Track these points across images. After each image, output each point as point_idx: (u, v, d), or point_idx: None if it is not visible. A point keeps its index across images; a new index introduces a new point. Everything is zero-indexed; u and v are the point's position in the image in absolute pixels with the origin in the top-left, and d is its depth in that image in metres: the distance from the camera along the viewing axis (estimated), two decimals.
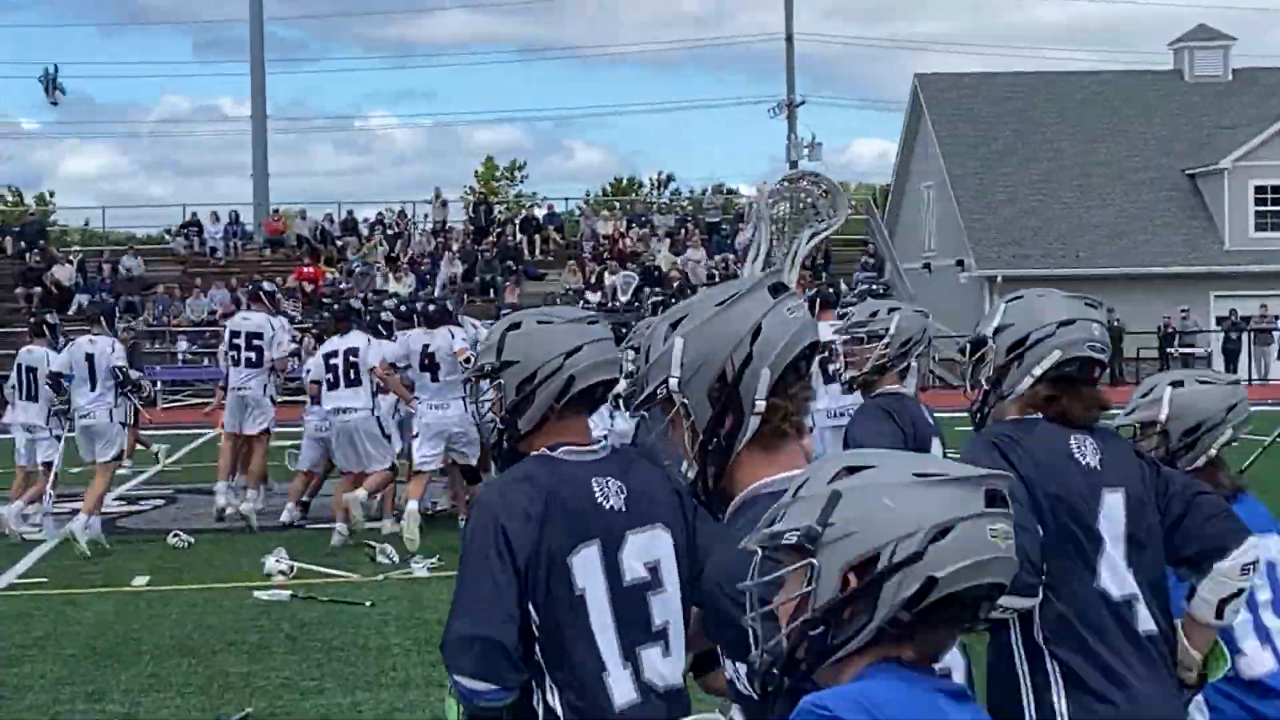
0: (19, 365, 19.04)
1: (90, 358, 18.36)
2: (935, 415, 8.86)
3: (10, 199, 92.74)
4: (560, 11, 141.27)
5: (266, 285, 21.70)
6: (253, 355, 19.66)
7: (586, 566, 4.52)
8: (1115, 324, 54.45)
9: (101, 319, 19.49)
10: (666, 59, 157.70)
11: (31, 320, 21.85)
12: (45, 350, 18.99)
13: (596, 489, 4.58)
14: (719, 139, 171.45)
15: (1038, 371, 5.20)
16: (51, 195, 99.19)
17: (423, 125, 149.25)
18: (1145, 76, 66.01)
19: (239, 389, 19.65)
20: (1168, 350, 55.19)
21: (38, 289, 54.62)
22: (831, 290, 18.57)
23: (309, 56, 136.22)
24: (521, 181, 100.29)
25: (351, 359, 18.11)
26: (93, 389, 18.29)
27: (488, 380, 4.66)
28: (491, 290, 54.11)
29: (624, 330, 19.72)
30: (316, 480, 20.26)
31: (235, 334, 19.86)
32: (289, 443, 21.51)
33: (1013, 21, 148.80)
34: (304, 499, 20.07)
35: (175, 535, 18.07)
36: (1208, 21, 66.13)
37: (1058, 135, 62.30)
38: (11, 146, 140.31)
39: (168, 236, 62.62)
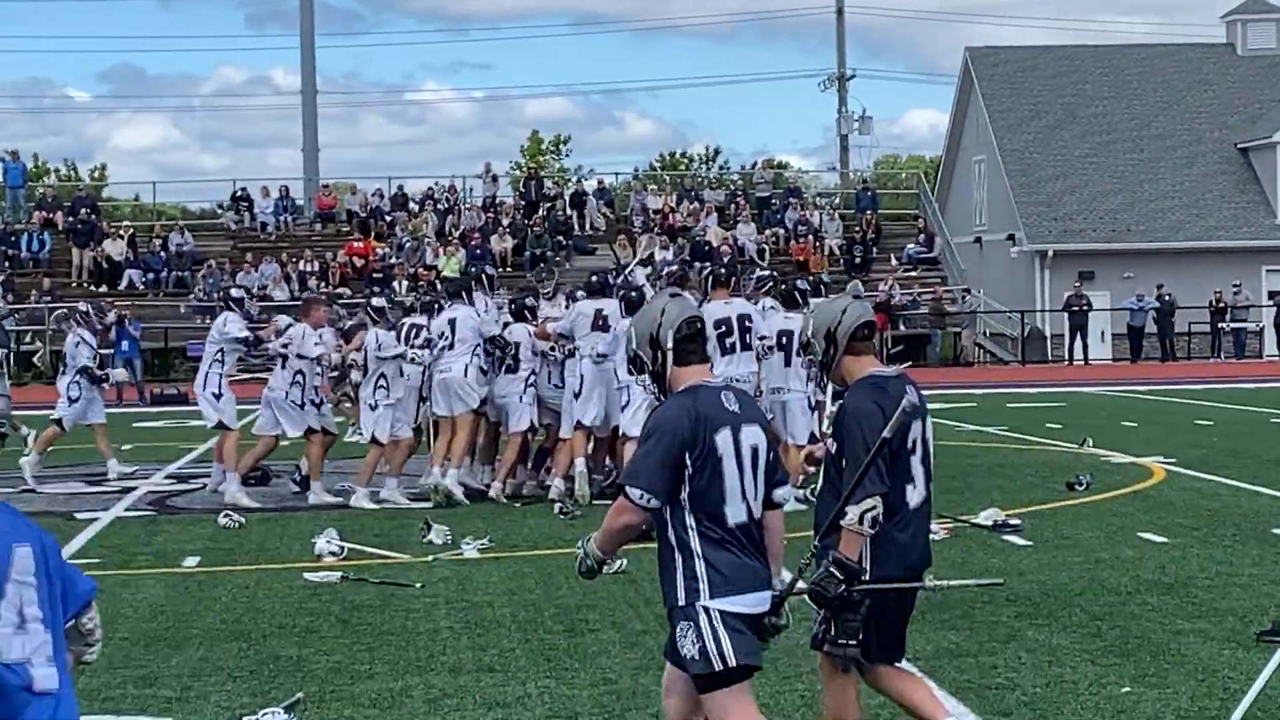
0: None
1: None
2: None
3: (64, 173, 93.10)
4: None
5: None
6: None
7: None
8: (1166, 299, 54.21)
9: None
10: (720, 30, 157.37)
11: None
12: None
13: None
14: (770, 110, 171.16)
15: None
16: (104, 169, 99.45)
17: (475, 98, 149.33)
18: (1198, 49, 65.65)
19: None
20: (1219, 325, 54.90)
21: (90, 252, 54.90)
22: (724, 270, 19.66)
23: (363, 29, 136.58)
24: (566, 155, 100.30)
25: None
26: None
27: None
28: (542, 265, 54.10)
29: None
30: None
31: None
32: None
33: None
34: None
35: (226, 515, 18.13)
36: None
37: (1109, 109, 62.00)
38: (64, 119, 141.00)
39: (219, 210, 62.82)
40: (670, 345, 7.10)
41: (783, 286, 19.47)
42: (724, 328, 18.54)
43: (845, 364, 7.90)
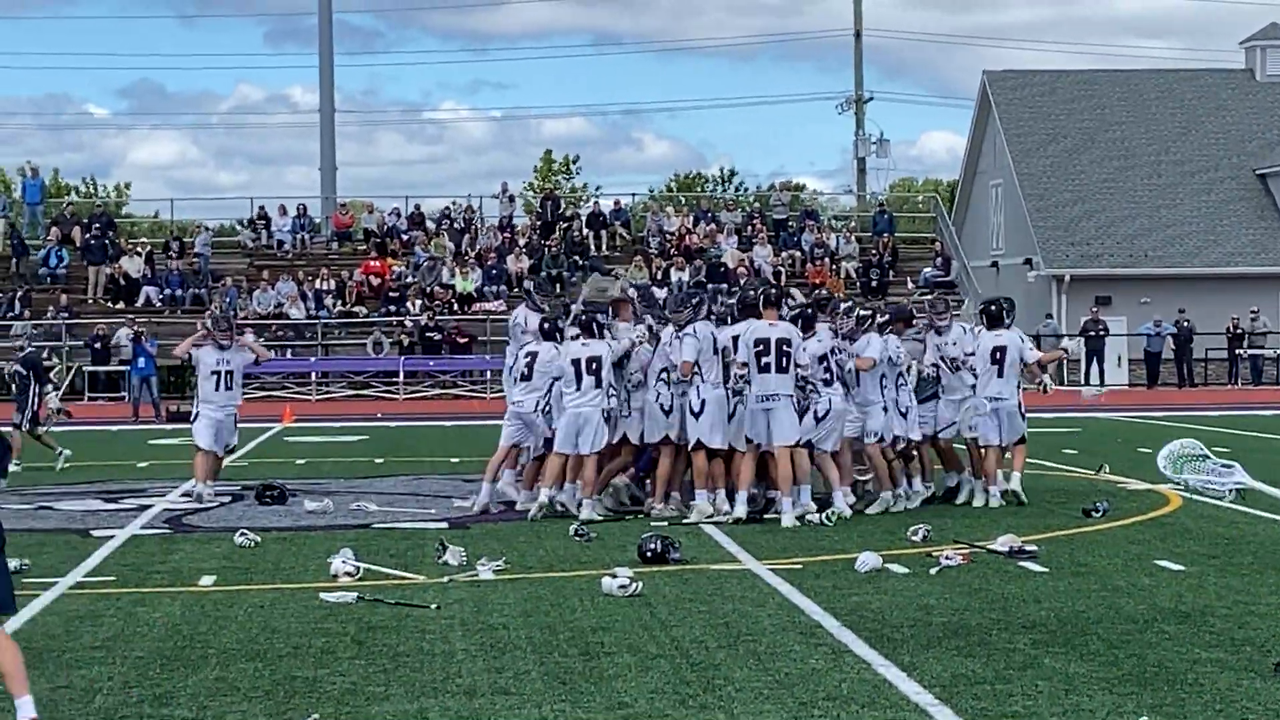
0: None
1: None
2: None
3: (84, 189, 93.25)
4: (634, 2, 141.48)
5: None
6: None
7: None
8: (1185, 325, 54.15)
9: None
10: (740, 51, 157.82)
11: None
12: None
13: None
14: (788, 132, 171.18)
15: None
16: (128, 187, 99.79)
17: (494, 117, 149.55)
18: (1216, 75, 65.66)
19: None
20: (1236, 351, 54.82)
21: (106, 268, 54.99)
22: (774, 291, 21.15)
23: (383, 48, 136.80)
24: (576, 174, 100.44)
25: (784, 348, 19.32)
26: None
27: None
28: (558, 286, 54.09)
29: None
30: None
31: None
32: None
33: (1086, 14, 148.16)
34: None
35: (242, 534, 18.11)
36: (1279, 20, 65.66)
37: (1127, 134, 62.02)
38: (83, 135, 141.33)
39: (237, 227, 62.93)
40: None
41: (992, 307, 21.60)
42: (762, 347, 19.34)
43: None
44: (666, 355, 19.85)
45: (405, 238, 58.10)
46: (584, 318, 20.27)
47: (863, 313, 20.96)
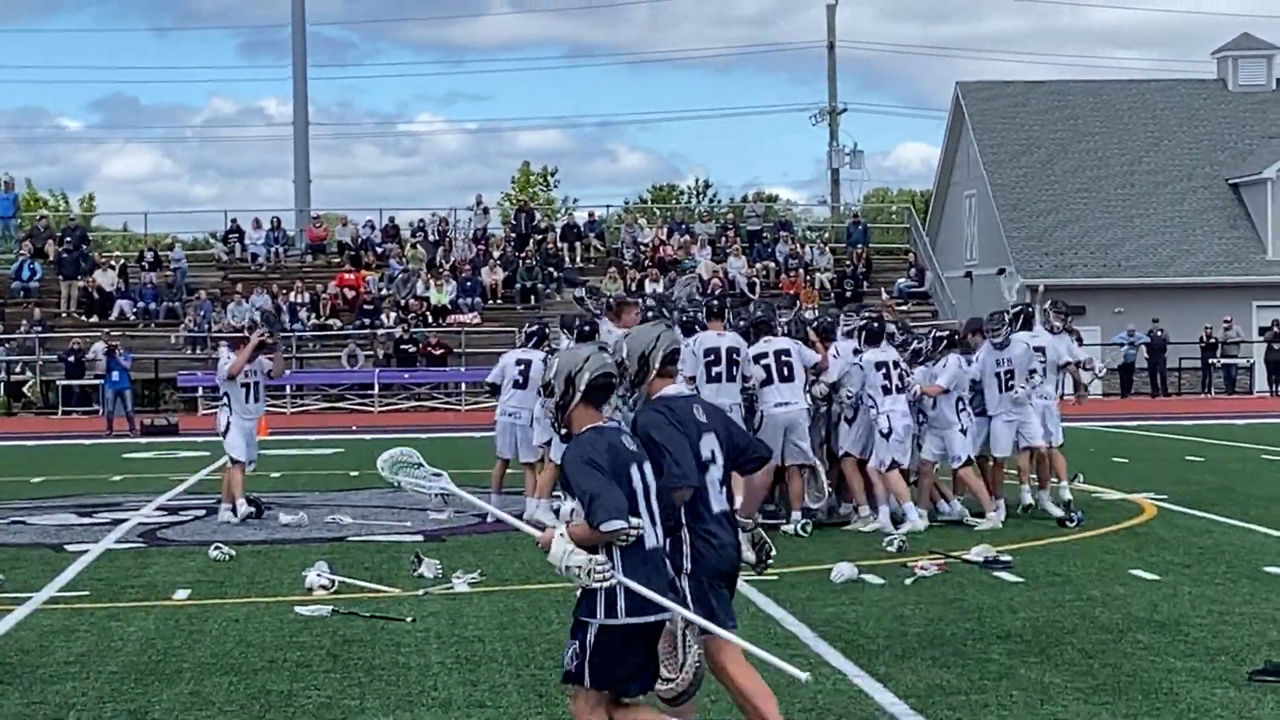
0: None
1: None
2: None
3: (54, 202, 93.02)
4: (610, 14, 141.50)
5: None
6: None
7: None
8: (1158, 334, 54.27)
9: None
10: (714, 63, 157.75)
11: None
12: None
13: None
14: (762, 143, 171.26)
15: None
16: (92, 199, 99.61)
17: (469, 129, 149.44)
18: (1189, 85, 65.83)
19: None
20: (1210, 361, 54.93)
21: (80, 282, 54.85)
22: (716, 302, 20.53)
23: (356, 60, 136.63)
24: (554, 187, 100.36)
25: (784, 359, 19.42)
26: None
27: None
28: (533, 297, 54.12)
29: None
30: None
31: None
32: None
33: (1060, 26, 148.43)
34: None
35: (217, 548, 18.07)
36: (1252, 30, 65.90)
37: (1100, 144, 62.16)
38: (56, 148, 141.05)
39: (211, 240, 62.79)
40: None
41: (1029, 309, 22.11)
42: (712, 356, 19.17)
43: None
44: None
45: (380, 250, 58.04)
46: (581, 324, 20.20)
47: (939, 334, 20.79)
